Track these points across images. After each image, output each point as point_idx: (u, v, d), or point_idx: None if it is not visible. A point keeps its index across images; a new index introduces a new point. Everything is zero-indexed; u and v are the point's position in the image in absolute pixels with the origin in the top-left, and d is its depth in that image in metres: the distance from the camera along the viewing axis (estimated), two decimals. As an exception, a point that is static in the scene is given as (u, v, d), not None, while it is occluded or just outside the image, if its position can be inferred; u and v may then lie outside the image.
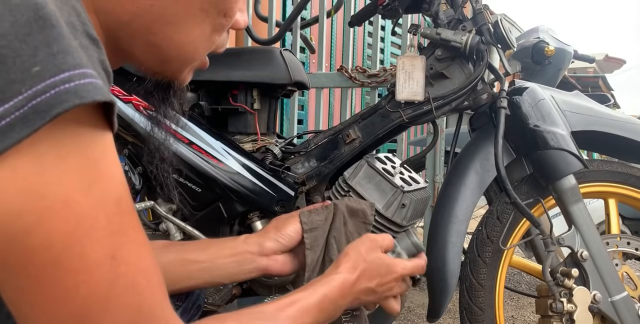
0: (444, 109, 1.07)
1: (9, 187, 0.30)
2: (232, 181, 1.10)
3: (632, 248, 1.11)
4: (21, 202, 0.30)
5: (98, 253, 0.33)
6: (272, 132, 1.30)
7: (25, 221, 0.31)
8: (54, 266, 0.32)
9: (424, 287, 2.32)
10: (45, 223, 0.31)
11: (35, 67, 0.29)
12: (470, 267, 1.08)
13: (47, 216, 0.31)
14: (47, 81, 0.30)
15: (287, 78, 1.19)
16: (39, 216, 0.31)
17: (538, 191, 1.08)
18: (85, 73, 0.31)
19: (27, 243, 0.31)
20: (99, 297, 0.34)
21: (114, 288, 0.34)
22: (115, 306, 0.35)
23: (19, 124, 0.29)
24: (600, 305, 1.01)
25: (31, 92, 0.29)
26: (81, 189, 0.33)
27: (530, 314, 2.05)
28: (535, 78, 2.29)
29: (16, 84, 0.29)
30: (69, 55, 0.31)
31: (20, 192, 0.30)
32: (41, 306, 0.33)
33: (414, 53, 1.08)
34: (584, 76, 6.46)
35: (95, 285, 0.33)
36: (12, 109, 0.29)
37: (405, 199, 1.03)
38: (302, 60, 3.00)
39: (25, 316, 0.34)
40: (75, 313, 0.33)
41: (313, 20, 2.03)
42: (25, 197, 0.30)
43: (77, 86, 0.31)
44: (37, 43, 0.30)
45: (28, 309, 0.33)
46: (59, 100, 0.30)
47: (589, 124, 1.11)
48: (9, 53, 0.29)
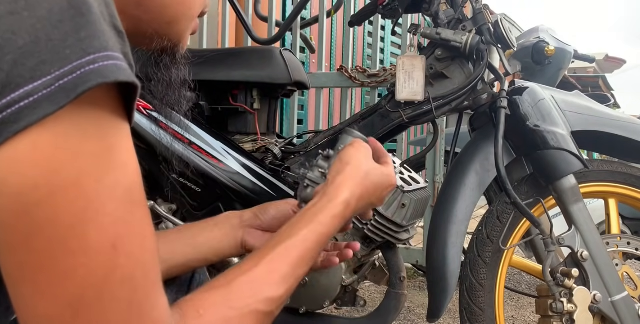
0: (444, 109, 1.07)
1: (28, 160, 0.32)
2: (232, 181, 1.10)
3: (632, 248, 1.11)
4: (36, 175, 0.32)
5: (100, 239, 0.34)
6: (272, 132, 1.30)
7: (37, 194, 0.32)
8: (57, 243, 0.33)
9: (424, 287, 2.33)
10: (55, 199, 0.32)
11: (65, 50, 0.32)
12: (470, 267, 1.08)
13: (58, 192, 0.33)
14: (74, 63, 0.32)
15: (287, 78, 1.19)
16: (50, 191, 0.32)
17: (538, 191, 1.08)
18: (110, 55, 0.34)
19: (35, 216, 0.32)
20: (94, 284, 0.34)
21: (109, 277, 0.35)
22: (108, 296, 0.35)
23: (45, 101, 0.31)
24: (601, 305, 1.01)
25: (59, 73, 0.32)
26: (93, 173, 0.34)
27: (530, 314, 2.05)
28: (536, 78, 2.29)
29: (46, 65, 0.31)
30: (96, 40, 0.33)
31: (37, 166, 0.32)
32: (38, 284, 0.34)
33: (414, 53, 1.08)
34: (584, 76, 6.47)
35: (92, 271, 0.34)
36: (41, 87, 0.31)
37: (405, 199, 1.03)
38: (302, 60, 3.00)
39: (22, 297, 0.34)
40: (70, 296, 0.34)
41: (313, 20, 2.03)
42: (40, 172, 0.32)
43: (100, 67, 0.33)
44: (68, 29, 0.32)
45: (25, 289, 0.34)
46: (84, 80, 0.32)
47: (589, 124, 1.11)
48: (43, 36, 0.32)
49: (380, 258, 1.15)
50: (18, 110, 0.31)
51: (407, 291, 1.11)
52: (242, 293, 0.45)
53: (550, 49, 2.25)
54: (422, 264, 2.16)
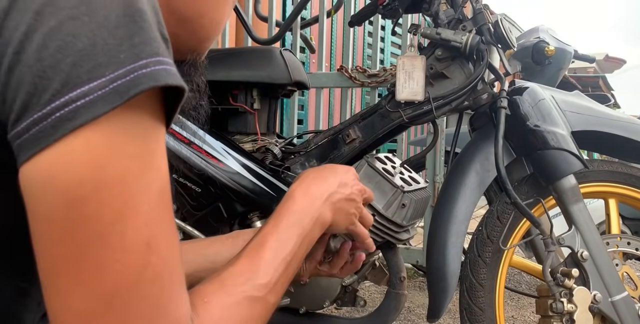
0: (444, 109, 1.07)
1: (79, 157, 0.34)
2: (232, 181, 1.10)
3: (632, 248, 1.11)
4: (85, 171, 0.34)
5: (136, 237, 0.36)
6: (272, 132, 1.30)
7: (84, 189, 0.34)
8: (97, 238, 0.35)
9: (424, 287, 2.33)
10: (99, 195, 0.35)
11: (119, 54, 0.34)
12: (470, 267, 1.08)
13: (103, 189, 0.35)
14: (128, 67, 0.34)
15: (287, 78, 1.19)
16: (96, 187, 0.34)
17: (538, 191, 1.08)
18: (161, 60, 0.36)
19: (79, 211, 0.34)
20: (128, 280, 0.36)
21: (141, 275, 0.36)
22: (139, 293, 0.36)
23: (100, 101, 0.33)
24: (601, 305, 1.01)
25: (113, 76, 0.34)
26: (135, 173, 0.36)
27: (530, 314, 2.05)
28: (536, 78, 2.29)
29: (102, 67, 0.34)
30: (148, 46, 0.36)
31: (87, 163, 0.34)
32: (75, 278, 0.35)
33: (414, 53, 1.08)
34: (584, 76, 6.47)
35: (127, 268, 0.36)
36: (96, 88, 0.33)
37: (406, 199, 1.03)
38: (302, 60, 3.00)
39: (57, 290, 0.36)
40: (105, 291, 0.35)
41: (313, 20, 2.03)
42: (89, 168, 0.34)
43: (152, 71, 0.35)
44: (123, 35, 0.35)
45: (62, 282, 0.35)
46: (136, 83, 0.34)
47: (589, 124, 1.11)
48: (100, 41, 0.34)
49: (380, 258, 1.15)
50: (75, 108, 0.33)
51: (407, 291, 1.11)
52: (235, 281, 0.48)
53: (550, 49, 2.25)
54: (422, 264, 2.16)
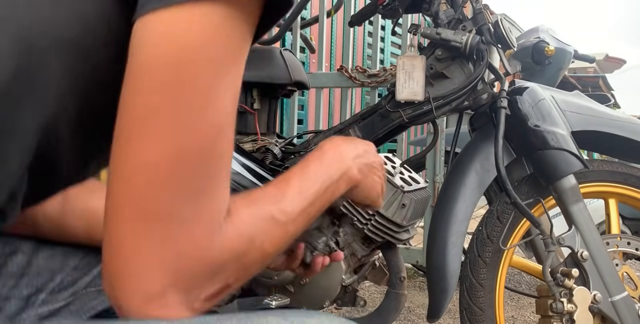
0: (444, 109, 1.07)
1: (194, 26, 0.38)
2: (232, 181, 1.10)
3: (632, 248, 1.11)
4: (190, 40, 0.38)
5: (215, 116, 0.39)
6: (272, 132, 1.30)
7: (186, 54, 0.38)
8: (186, 98, 0.38)
9: (424, 287, 2.33)
10: (197, 64, 0.38)
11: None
12: (470, 267, 1.08)
13: (201, 60, 0.38)
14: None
15: (287, 78, 1.19)
16: (195, 57, 0.38)
17: (538, 191, 1.08)
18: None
19: (178, 69, 0.38)
20: (199, 147, 0.38)
21: (208, 150, 0.39)
22: (199, 166, 0.39)
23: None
24: (601, 305, 1.01)
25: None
26: (229, 64, 0.40)
27: (530, 314, 2.05)
28: (535, 78, 2.29)
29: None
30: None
31: (194, 32, 0.38)
32: (157, 127, 0.37)
33: (414, 53, 1.08)
34: (584, 76, 6.46)
35: (202, 136, 0.39)
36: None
37: (406, 199, 1.03)
38: (302, 60, 3.00)
39: (132, 139, 0.38)
40: (177, 148, 0.38)
41: (313, 20, 2.03)
42: (195, 37, 0.38)
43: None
44: None
45: (141, 130, 0.38)
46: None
47: (589, 124, 1.11)
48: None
49: (380, 258, 1.15)
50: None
51: (407, 291, 1.11)
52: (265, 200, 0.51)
53: (550, 49, 2.25)
54: (422, 264, 2.16)
